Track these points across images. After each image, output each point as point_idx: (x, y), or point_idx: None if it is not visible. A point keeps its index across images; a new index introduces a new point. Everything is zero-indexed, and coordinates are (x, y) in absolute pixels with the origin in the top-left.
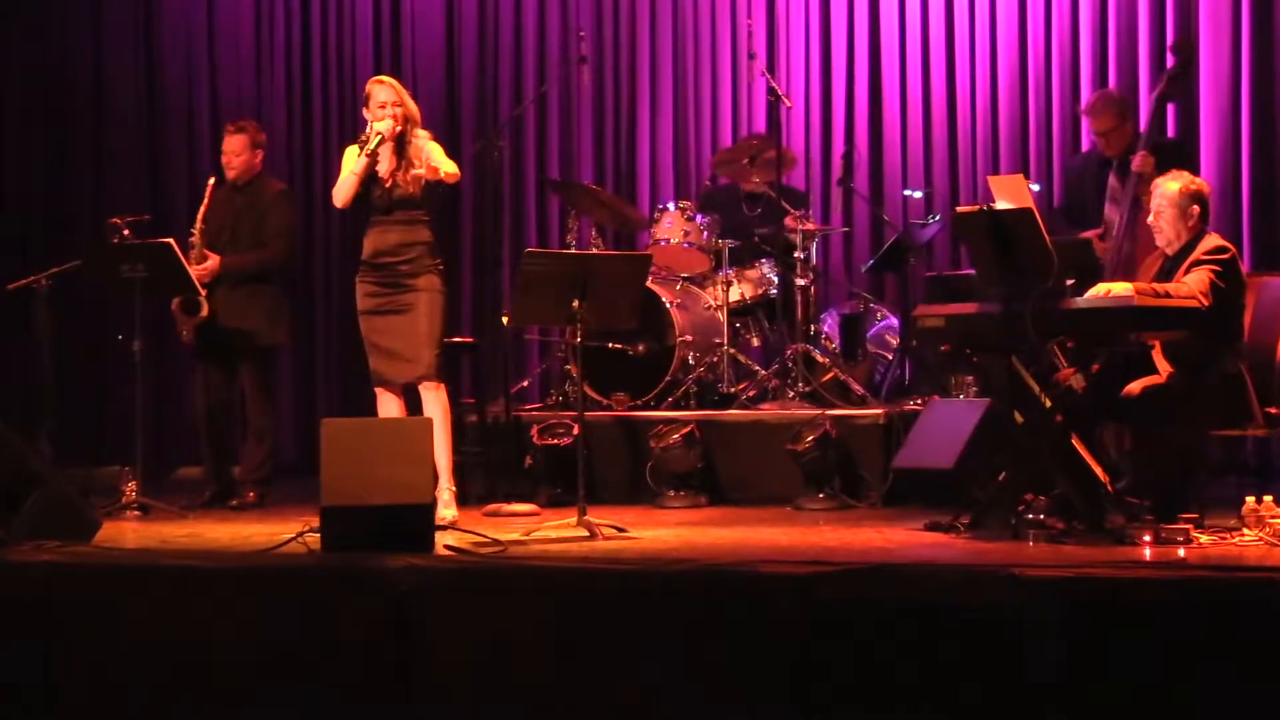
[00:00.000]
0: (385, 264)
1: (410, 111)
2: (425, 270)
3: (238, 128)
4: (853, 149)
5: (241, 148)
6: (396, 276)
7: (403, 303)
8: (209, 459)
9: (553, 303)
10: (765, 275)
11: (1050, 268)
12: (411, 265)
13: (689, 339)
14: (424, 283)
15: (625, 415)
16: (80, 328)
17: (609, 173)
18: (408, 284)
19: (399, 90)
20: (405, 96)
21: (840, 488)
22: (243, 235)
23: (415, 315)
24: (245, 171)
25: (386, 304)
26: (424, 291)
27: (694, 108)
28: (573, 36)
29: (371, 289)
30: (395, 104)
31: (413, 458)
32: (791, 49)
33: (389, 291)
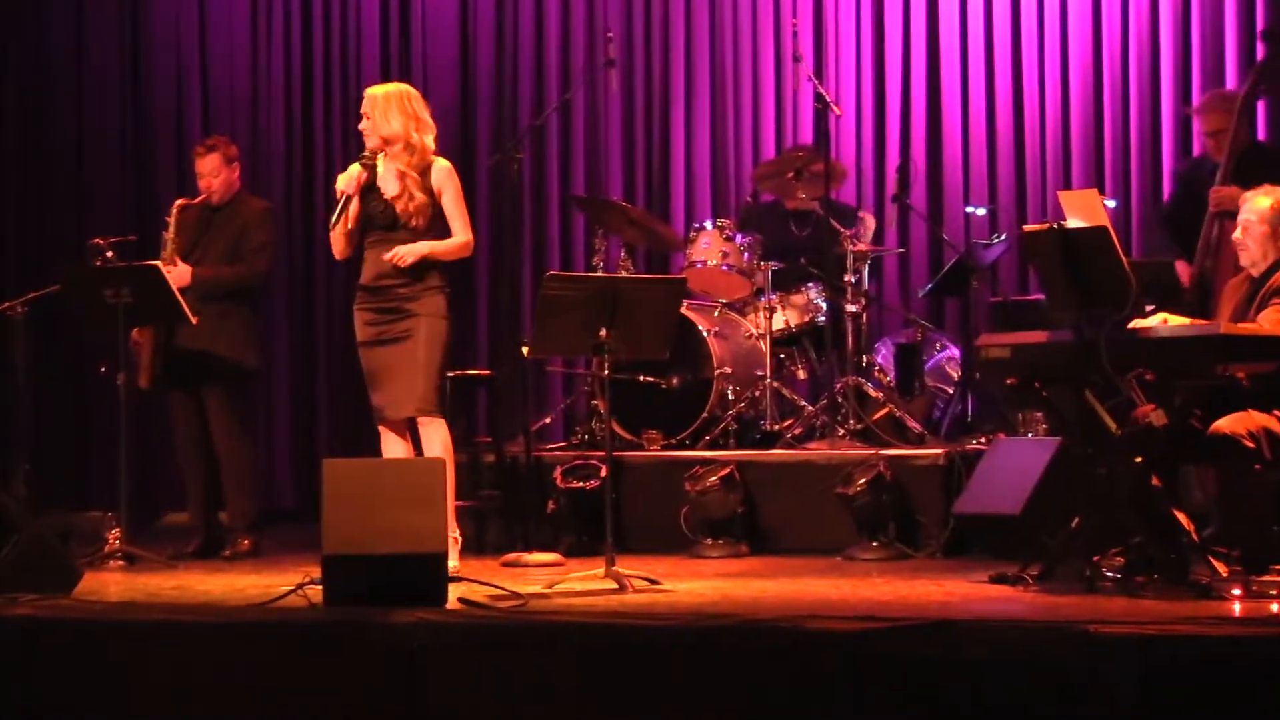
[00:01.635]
0: (384, 287)
1: (385, 133)
2: (427, 293)
3: (207, 147)
4: (909, 161)
5: (216, 167)
6: (396, 301)
7: (400, 330)
8: (195, 503)
9: (577, 331)
10: (812, 301)
11: (1127, 292)
12: (412, 288)
13: (728, 371)
14: (425, 307)
15: (657, 455)
16: (59, 358)
17: (640, 188)
18: (407, 309)
19: (375, 105)
20: (381, 114)
21: (895, 536)
22: (213, 251)
23: (413, 343)
24: (225, 190)
25: (384, 333)
26: (424, 317)
27: (733, 116)
28: (600, 38)
29: (369, 316)
30: (366, 114)
31: (423, 502)
32: (841, 51)
33: (387, 319)
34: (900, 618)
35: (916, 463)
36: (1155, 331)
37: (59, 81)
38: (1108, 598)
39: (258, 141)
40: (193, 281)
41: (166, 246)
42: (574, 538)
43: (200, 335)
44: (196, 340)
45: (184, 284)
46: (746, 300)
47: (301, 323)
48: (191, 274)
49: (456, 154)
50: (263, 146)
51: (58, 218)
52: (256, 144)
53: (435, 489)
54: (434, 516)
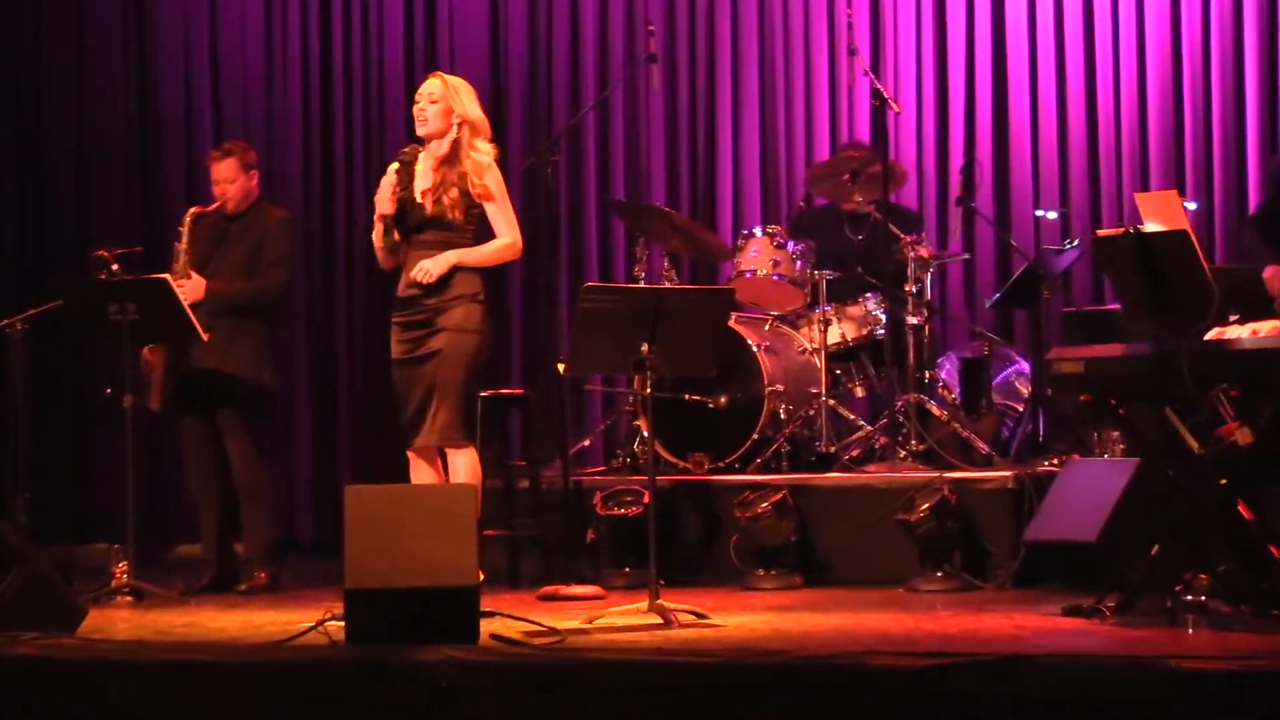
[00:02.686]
0: (412, 298)
1: (469, 114)
2: (457, 304)
3: (223, 151)
4: (974, 161)
5: (233, 172)
6: (425, 313)
7: (427, 350)
8: (207, 533)
9: (618, 346)
10: (870, 312)
11: (1210, 301)
12: (441, 297)
13: (780, 389)
14: (453, 319)
15: (705, 480)
16: (61, 378)
17: (684, 192)
18: (437, 324)
19: (456, 87)
20: (468, 97)
21: (962, 565)
22: (229, 263)
23: (436, 363)
24: (243, 198)
25: (412, 350)
26: (454, 332)
27: (784, 114)
28: (640, 31)
29: (399, 333)
30: (433, 99)
31: (453, 530)
32: (900, 43)
33: (417, 333)
34: (967, 653)
35: (984, 486)
36: (1241, 343)
37: (58, 80)
38: (1191, 631)
39: (273, 146)
40: (206, 296)
41: (179, 258)
42: (615, 569)
43: (214, 354)
44: (210, 359)
45: (197, 298)
46: (799, 312)
47: (322, 341)
48: (206, 288)
49: None
50: (278, 150)
51: (58, 228)
52: (272, 148)
53: (465, 517)
54: (464, 546)
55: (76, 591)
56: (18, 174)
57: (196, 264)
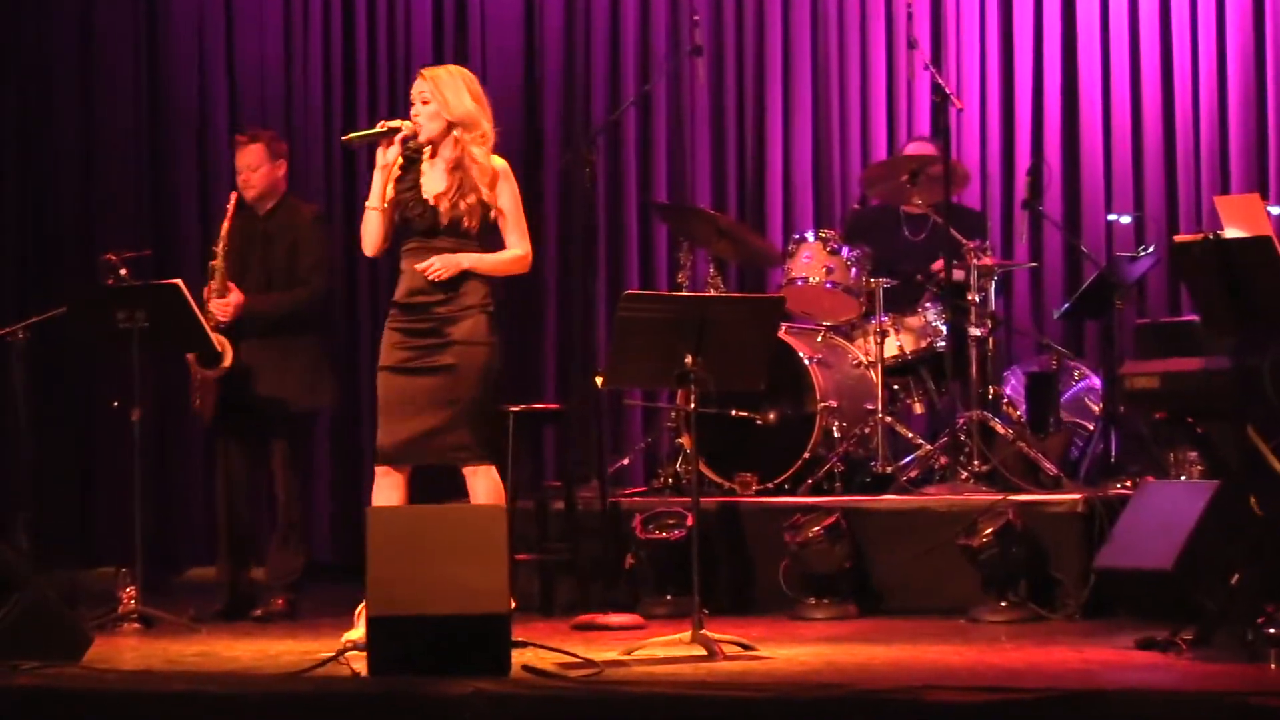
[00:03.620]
0: (419, 305)
1: (455, 113)
2: (469, 314)
3: (250, 137)
4: (1042, 162)
5: (258, 160)
6: (434, 322)
7: (438, 362)
8: (225, 557)
9: (660, 358)
10: (930, 323)
11: None
12: (450, 306)
13: (833, 405)
14: (467, 331)
15: (752, 502)
16: (65, 391)
17: (731, 194)
18: (447, 334)
19: (440, 83)
20: (453, 93)
21: (1027, 594)
22: (269, 273)
23: (454, 379)
24: (268, 190)
25: (416, 360)
26: (466, 345)
27: (838, 111)
28: (685, 22)
29: (399, 339)
30: (425, 99)
31: (482, 554)
32: (963, 35)
33: (421, 343)
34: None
35: (1051, 510)
36: None
37: (65, 75)
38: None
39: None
40: (245, 313)
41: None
42: (656, 597)
43: (265, 378)
44: (262, 383)
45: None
46: (854, 323)
47: (343, 356)
48: (244, 306)
49: (520, 155)
50: (299, 150)
51: (63, 229)
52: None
53: (495, 539)
54: (494, 571)
55: (81, 618)
56: (20, 172)
57: (237, 276)
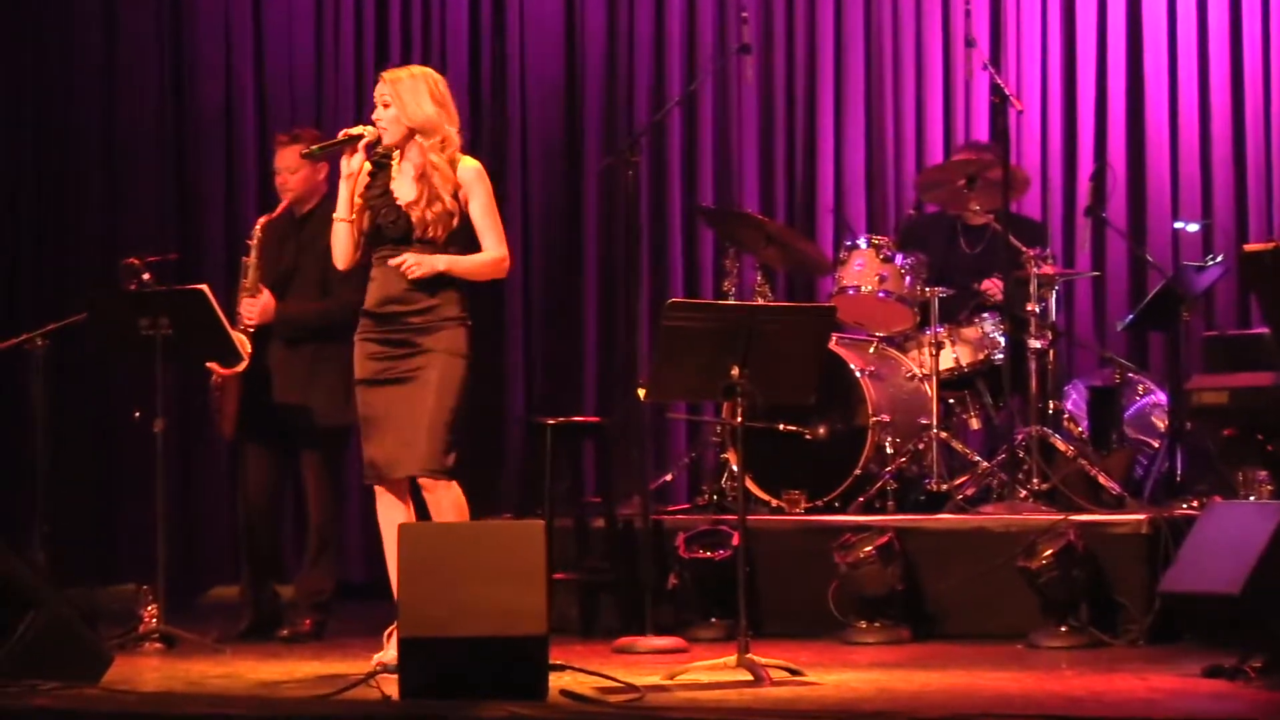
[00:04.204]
0: (392, 314)
1: (414, 119)
2: (445, 325)
3: (291, 137)
4: (1105, 167)
5: (297, 161)
6: (406, 333)
7: (408, 369)
8: (249, 575)
9: (705, 370)
10: (988, 335)
11: None
12: (426, 317)
13: (886, 419)
14: (440, 341)
15: (801, 520)
16: (85, 401)
17: (779, 198)
18: (418, 343)
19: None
20: (412, 97)
21: (1089, 618)
22: (303, 277)
23: (421, 387)
24: (307, 192)
25: (388, 370)
26: (438, 353)
27: (893, 112)
28: (732, 18)
29: (372, 349)
30: (385, 102)
31: (520, 574)
32: (1023, 34)
33: (393, 354)
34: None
35: (1114, 531)
36: None
37: (87, 74)
38: None
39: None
40: (276, 319)
41: (248, 273)
42: (700, 619)
43: (294, 386)
44: (292, 393)
45: (266, 320)
46: (908, 334)
47: None
48: (276, 310)
49: (560, 157)
50: None
51: (84, 232)
52: None
53: (533, 558)
54: (531, 591)
55: (100, 637)
56: (39, 173)
57: (270, 278)
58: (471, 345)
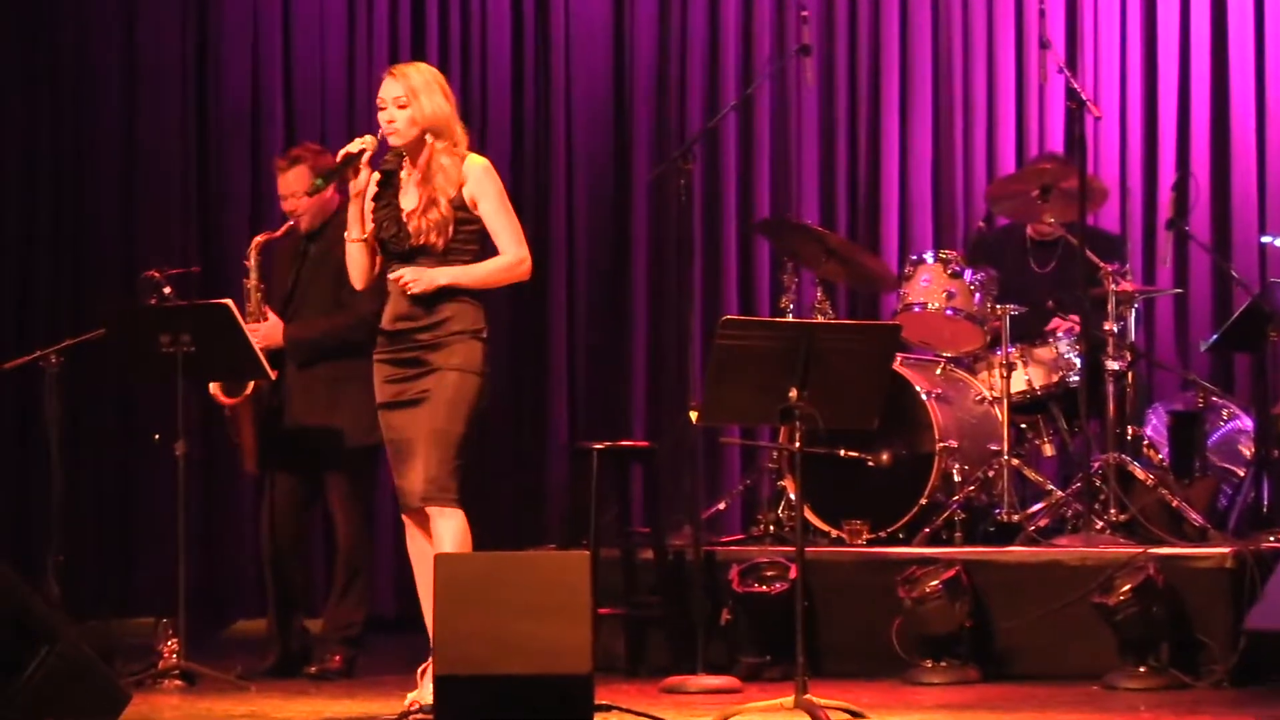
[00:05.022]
0: (401, 331)
1: (427, 116)
2: (456, 339)
3: (290, 159)
4: (1188, 177)
5: (304, 183)
6: (417, 350)
7: (419, 391)
8: (275, 608)
9: (761, 391)
10: (1063, 356)
11: None
12: (435, 333)
13: (953, 445)
14: (451, 357)
15: (863, 552)
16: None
17: (841, 209)
18: (427, 361)
19: (414, 83)
20: (428, 95)
21: (1169, 658)
22: (314, 297)
23: (435, 405)
24: (318, 213)
25: (401, 393)
26: (446, 371)
27: (962, 119)
28: (791, 18)
29: (387, 370)
30: (401, 103)
31: (563, 608)
32: (1101, 35)
33: (406, 374)
34: None
35: (1197, 565)
36: None
37: (106, 80)
38: None
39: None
40: (285, 344)
41: (250, 297)
42: (754, 656)
43: (315, 408)
44: (313, 415)
45: (275, 344)
46: (978, 354)
47: None
48: (284, 333)
49: (608, 164)
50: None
51: (102, 245)
52: None
53: (577, 591)
54: (575, 627)
55: (117, 673)
56: (55, 182)
57: (276, 299)
58: (487, 360)
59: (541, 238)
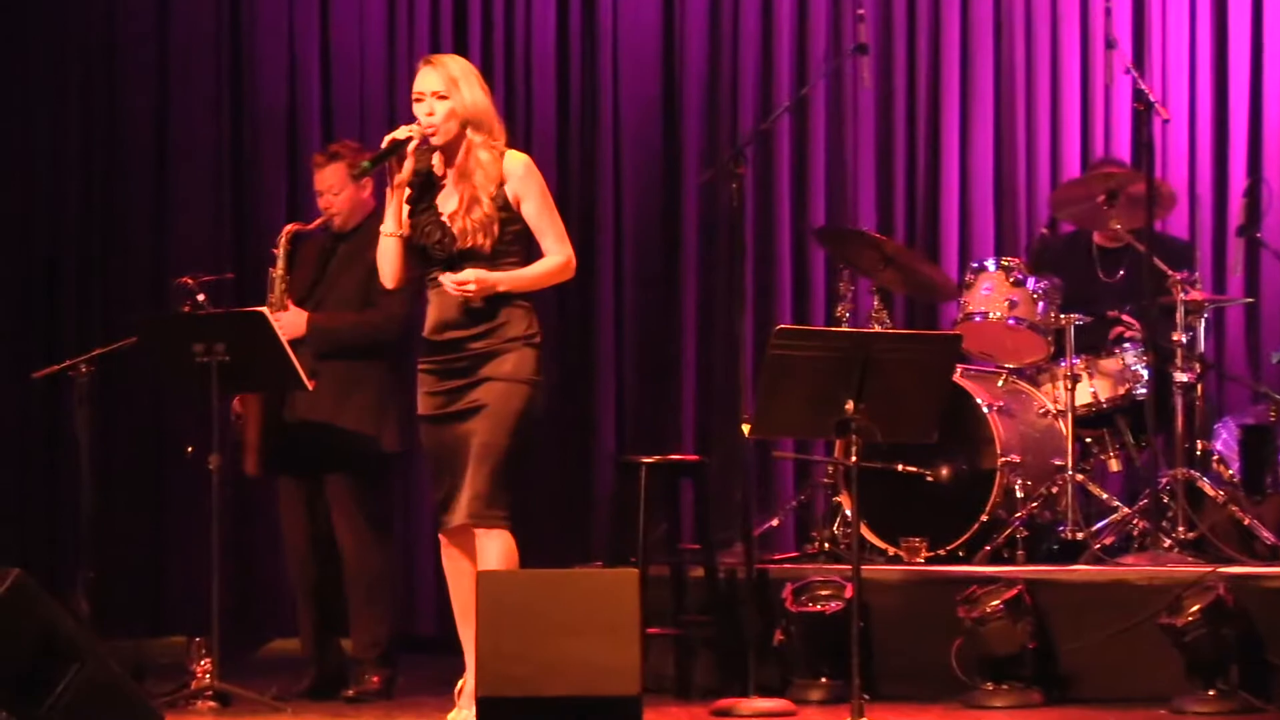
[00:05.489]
0: (451, 341)
1: (471, 109)
2: (513, 346)
3: (328, 155)
4: (1260, 182)
5: (340, 181)
6: (468, 361)
7: (467, 404)
8: (307, 625)
9: (816, 403)
10: (1129, 367)
11: None
12: (489, 340)
13: (1016, 460)
14: (503, 367)
15: (921, 571)
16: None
17: (899, 215)
18: (481, 372)
19: (453, 73)
20: (468, 86)
21: (1240, 681)
22: (338, 292)
23: (483, 417)
24: (353, 212)
25: (449, 405)
26: (498, 382)
27: (1025, 120)
28: (848, 16)
29: (432, 382)
30: (439, 95)
31: (610, 628)
32: (1170, 34)
33: (455, 384)
34: None
35: (1269, 585)
36: None
37: (135, 74)
38: None
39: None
40: (308, 332)
41: (275, 286)
42: (808, 678)
43: (324, 405)
44: (319, 411)
45: (297, 335)
46: (1041, 365)
47: None
48: (307, 322)
49: (656, 170)
50: None
51: (133, 249)
52: None
53: (625, 610)
54: (623, 647)
55: (148, 694)
56: (83, 183)
57: (299, 292)
58: (541, 368)
59: (588, 243)
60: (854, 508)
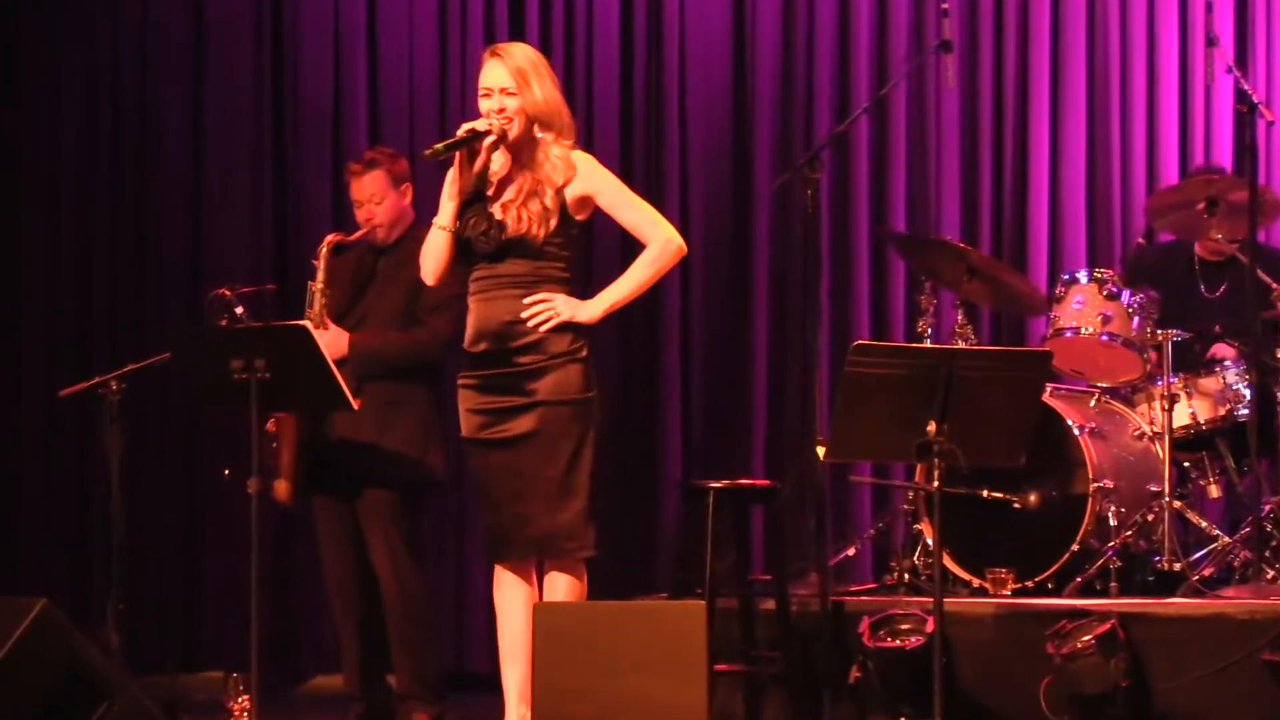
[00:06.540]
0: (492, 354)
1: (542, 105)
2: (557, 363)
3: (366, 163)
4: None
5: (381, 189)
6: (510, 377)
7: (521, 428)
8: (350, 660)
9: (896, 425)
10: (1230, 386)
11: None
12: (535, 355)
13: (1109, 485)
14: (552, 387)
15: (1008, 604)
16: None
17: (984, 224)
18: (527, 390)
19: (521, 67)
20: (539, 81)
21: None
22: (381, 309)
23: (545, 449)
24: (395, 222)
25: (496, 428)
26: (551, 406)
27: (1119, 124)
28: (931, 12)
29: (475, 399)
30: (508, 92)
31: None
32: (1274, 31)
33: (498, 404)
34: None
35: None
36: None
37: (173, 76)
38: None
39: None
40: (350, 353)
41: (314, 301)
42: (887, 717)
43: (366, 426)
44: (362, 432)
45: (339, 355)
46: (1137, 384)
47: None
48: (349, 343)
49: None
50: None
51: (167, 260)
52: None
53: (691, 645)
54: (689, 684)
55: None
56: (115, 190)
57: (339, 309)
58: (590, 383)
59: None
60: (936, 536)
